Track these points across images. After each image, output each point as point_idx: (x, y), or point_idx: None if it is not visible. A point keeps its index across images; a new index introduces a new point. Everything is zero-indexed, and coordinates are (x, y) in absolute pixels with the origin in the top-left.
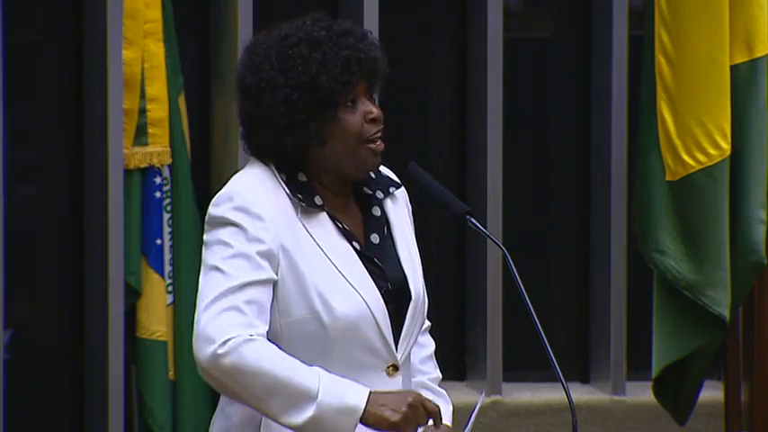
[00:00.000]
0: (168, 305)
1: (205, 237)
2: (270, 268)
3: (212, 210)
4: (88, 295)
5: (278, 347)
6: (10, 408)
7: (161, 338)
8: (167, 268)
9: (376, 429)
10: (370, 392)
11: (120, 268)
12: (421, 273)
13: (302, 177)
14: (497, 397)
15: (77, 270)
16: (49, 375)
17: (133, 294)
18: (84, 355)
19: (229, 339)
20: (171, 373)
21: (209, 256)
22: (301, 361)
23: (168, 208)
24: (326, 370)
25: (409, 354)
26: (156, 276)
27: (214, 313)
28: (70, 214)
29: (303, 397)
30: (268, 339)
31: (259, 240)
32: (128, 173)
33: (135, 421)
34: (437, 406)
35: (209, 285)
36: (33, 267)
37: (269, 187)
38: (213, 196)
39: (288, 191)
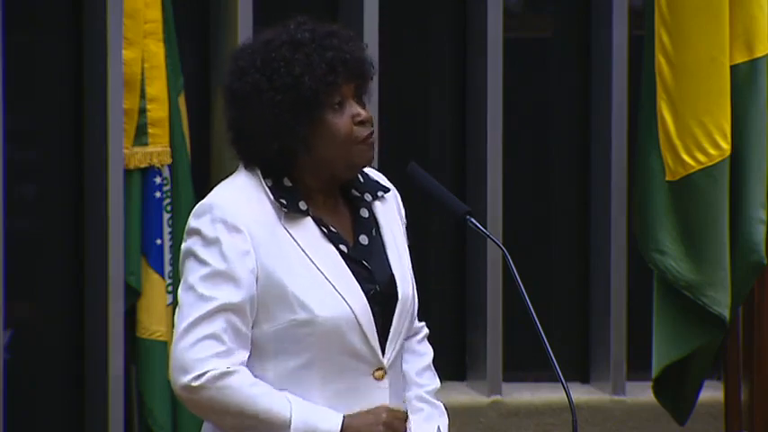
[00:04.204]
0: (168, 305)
1: (183, 246)
2: (247, 282)
3: (192, 221)
4: (88, 295)
5: (253, 376)
6: (10, 408)
7: (161, 338)
8: (167, 268)
9: None
10: (344, 418)
11: (120, 268)
12: (410, 275)
13: (287, 182)
14: (497, 397)
15: (77, 270)
16: (49, 375)
17: (133, 294)
18: (84, 355)
19: (205, 373)
20: None
21: (187, 273)
22: (282, 384)
23: (168, 208)
24: (309, 373)
25: (398, 356)
26: (156, 276)
27: (191, 341)
28: (70, 214)
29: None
30: (251, 353)
31: (236, 255)
32: (128, 173)
33: (135, 421)
34: (405, 412)
35: (185, 307)
36: (33, 267)
37: (251, 196)
38: None
39: (272, 197)
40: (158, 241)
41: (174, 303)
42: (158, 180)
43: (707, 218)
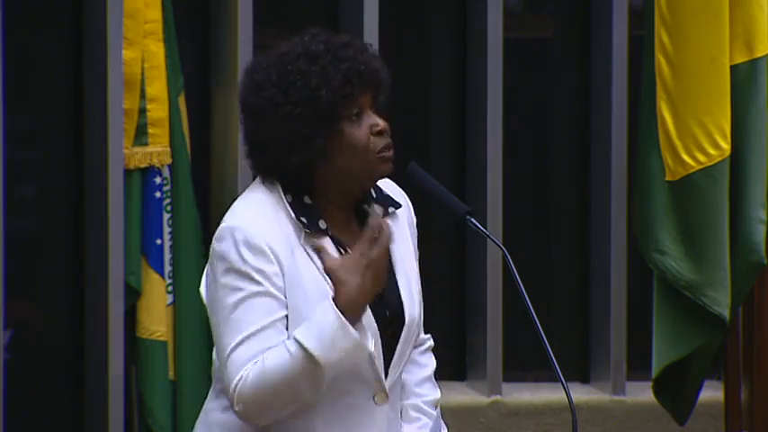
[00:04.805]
0: (168, 305)
1: (212, 273)
2: (280, 299)
3: (216, 245)
4: (88, 295)
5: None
6: (10, 408)
7: (161, 338)
8: (167, 268)
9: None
10: (333, 303)
11: (120, 268)
12: (418, 295)
13: (308, 200)
14: (497, 397)
15: (77, 270)
16: (49, 375)
17: (133, 294)
18: (84, 355)
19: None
20: (171, 373)
21: (220, 302)
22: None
23: (168, 208)
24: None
25: (399, 378)
26: (156, 276)
27: (231, 370)
28: (70, 214)
29: (311, 369)
30: None
31: (263, 276)
32: (128, 173)
33: (135, 421)
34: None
35: (222, 337)
36: (33, 267)
37: (270, 214)
38: (213, 196)
39: (292, 214)
40: (158, 241)
41: (174, 303)
42: (158, 180)
43: (707, 218)
